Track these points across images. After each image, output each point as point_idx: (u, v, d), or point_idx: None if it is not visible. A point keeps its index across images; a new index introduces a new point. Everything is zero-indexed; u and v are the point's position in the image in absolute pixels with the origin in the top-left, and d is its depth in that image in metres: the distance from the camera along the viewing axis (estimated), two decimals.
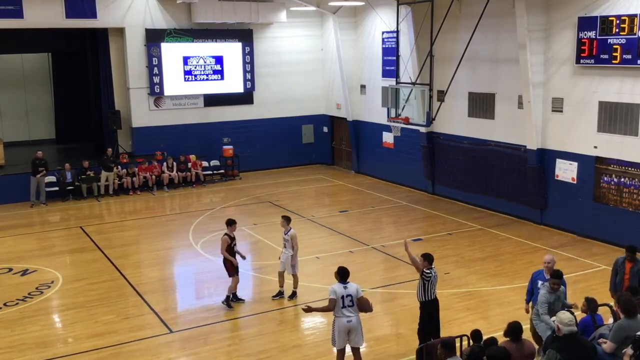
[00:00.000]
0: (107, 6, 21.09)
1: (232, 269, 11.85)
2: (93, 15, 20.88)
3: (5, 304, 12.01)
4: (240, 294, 12.20)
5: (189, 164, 22.24)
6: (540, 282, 9.06)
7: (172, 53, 22.43)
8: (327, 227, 17.03)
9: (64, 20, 20.49)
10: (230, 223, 12.01)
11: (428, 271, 9.36)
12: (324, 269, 13.62)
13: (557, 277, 8.63)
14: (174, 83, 22.63)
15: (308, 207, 19.13)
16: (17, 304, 12.08)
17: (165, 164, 21.84)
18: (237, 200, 20.38)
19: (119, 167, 21.25)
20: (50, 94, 26.84)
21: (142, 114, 22.42)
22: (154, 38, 22.04)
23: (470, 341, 7.98)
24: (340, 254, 14.82)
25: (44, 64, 26.66)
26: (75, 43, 23.54)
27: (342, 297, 8.63)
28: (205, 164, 22.82)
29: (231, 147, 23.39)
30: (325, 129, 25.58)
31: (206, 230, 16.81)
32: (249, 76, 23.94)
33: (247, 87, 24.05)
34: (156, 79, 22.34)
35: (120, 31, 21.91)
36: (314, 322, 11.12)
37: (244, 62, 23.75)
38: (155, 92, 22.42)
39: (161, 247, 15.83)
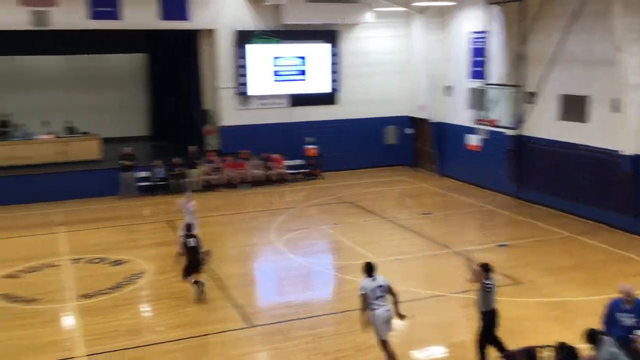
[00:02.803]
0: (199, 8, 21.81)
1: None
2: (185, 17, 21.66)
3: (99, 292, 12.65)
4: (320, 292, 12.30)
5: (272, 163, 22.64)
6: (618, 314, 8.35)
7: (259, 54, 22.90)
8: (408, 229, 16.88)
9: (159, 22, 21.37)
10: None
11: (488, 282, 9.11)
12: (404, 271, 13.52)
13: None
14: (260, 83, 23.10)
15: (389, 209, 19.03)
16: (109, 292, 12.70)
17: (250, 162, 22.34)
18: (319, 199, 20.55)
19: (207, 164, 21.91)
20: (145, 93, 28.05)
21: (229, 113, 23.02)
22: (243, 39, 22.58)
23: (554, 352, 7.70)
24: (421, 256, 14.67)
25: (141, 64, 27.90)
26: (170, 44, 24.46)
27: (373, 289, 8.94)
28: (288, 163, 23.16)
29: (314, 146, 23.61)
30: (409, 131, 25.35)
31: (288, 229, 17.05)
32: (334, 77, 24.09)
33: (332, 87, 24.21)
34: (243, 80, 22.88)
35: (211, 33, 22.59)
36: (393, 324, 11.04)
37: (330, 63, 23.92)
38: (242, 92, 22.97)
39: (244, 244, 16.21)
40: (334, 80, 24.11)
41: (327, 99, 24.28)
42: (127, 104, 27.71)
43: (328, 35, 23.73)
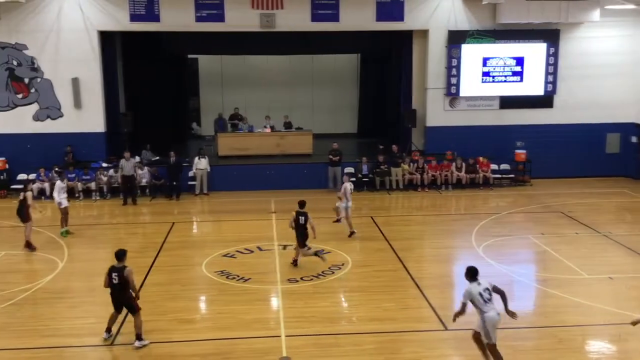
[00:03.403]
0: (414, 9, 22.02)
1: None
2: (401, 18, 22.01)
3: (302, 278, 13.41)
4: (520, 304, 11.78)
5: (478, 166, 22.10)
6: None
7: (471, 54, 22.48)
8: (625, 246, 15.42)
9: (374, 23, 22.00)
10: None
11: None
12: (616, 291, 12.40)
13: None
14: (470, 84, 22.67)
15: (605, 223, 17.54)
16: (311, 279, 13.40)
17: (454, 164, 22.04)
18: (526, 207, 19.62)
19: (411, 163, 22.07)
20: (356, 92, 29.04)
21: (436, 113, 22.94)
22: (456, 39, 22.33)
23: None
24: (638, 277, 13.31)
25: (353, 64, 28.94)
26: (382, 44, 25.03)
27: (480, 293, 8.97)
28: (494, 167, 22.43)
29: (524, 151, 22.58)
30: (634, 139, 23.11)
31: (490, 234, 16.55)
32: (550, 78, 22.82)
33: (548, 89, 22.95)
34: (453, 80, 22.63)
35: (424, 33, 22.67)
36: (599, 347, 10.21)
37: (547, 64, 22.71)
38: (452, 92, 22.73)
39: (443, 245, 16.06)
40: (550, 82, 22.84)
41: (541, 101, 23.08)
42: (339, 102, 28.94)
43: (547, 34, 22.52)
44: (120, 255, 10.51)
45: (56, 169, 20.56)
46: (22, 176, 20.92)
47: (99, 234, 17.28)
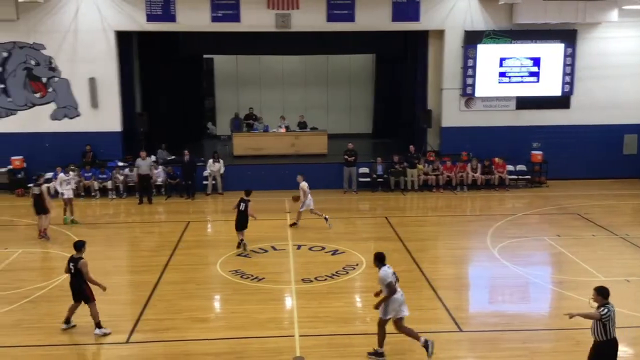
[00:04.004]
0: (430, 9, 21.95)
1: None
2: (416, 18, 21.94)
3: (316, 278, 13.41)
4: (536, 305, 11.70)
5: (493, 167, 21.97)
6: None
7: (488, 54, 22.36)
8: None
9: (390, 23, 21.96)
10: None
11: (605, 311, 8.22)
12: (635, 294, 12.28)
13: None
14: (486, 84, 22.55)
15: (622, 225, 17.36)
16: (325, 279, 13.40)
17: (469, 164, 21.93)
18: (542, 208, 19.47)
19: (426, 164, 21.99)
20: (371, 92, 28.99)
21: (452, 114, 22.84)
22: (472, 39, 22.22)
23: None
24: None
25: (368, 64, 28.89)
26: (397, 44, 24.96)
27: (392, 274, 9.78)
28: (510, 167, 22.29)
29: (540, 152, 22.41)
30: None
31: (505, 236, 16.44)
32: (567, 79, 22.64)
33: (565, 90, 22.77)
34: (469, 80, 22.53)
35: (440, 33, 22.58)
36: (624, 353, 10.09)
37: (564, 64, 22.52)
38: (467, 93, 22.62)
39: (458, 246, 15.98)
40: (567, 83, 22.66)
41: (558, 102, 22.91)
42: (354, 103, 28.93)
43: (564, 35, 22.35)
44: (79, 246, 10.87)
45: (72, 167, 20.72)
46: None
47: (114, 232, 17.40)
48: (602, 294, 8.42)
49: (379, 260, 9.92)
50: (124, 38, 22.15)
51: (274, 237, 16.36)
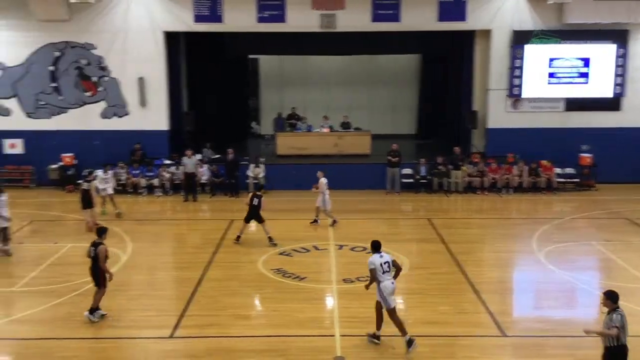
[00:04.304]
0: (477, 9, 21.66)
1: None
2: (463, 18, 21.68)
3: (357, 279, 13.38)
4: (583, 312, 11.43)
5: (540, 169, 21.54)
6: None
7: (536, 55, 21.93)
8: None
9: (435, 23, 21.75)
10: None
11: (617, 317, 8.08)
12: None
13: None
14: (534, 85, 22.13)
15: None
16: (367, 280, 13.28)
17: (516, 167, 21.55)
18: (590, 212, 19.00)
19: (470, 165, 21.71)
20: (415, 92, 28.78)
21: (498, 115, 22.49)
22: (520, 39, 21.83)
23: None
24: None
25: (413, 64, 28.69)
26: (443, 44, 24.72)
27: (381, 264, 10.19)
28: (558, 170, 21.81)
29: (590, 155, 21.87)
30: None
31: (552, 240, 16.10)
32: (619, 80, 22.03)
33: (616, 92, 22.16)
34: (516, 81, 22.13)
35: (487, 33, 22.26)
36: None
37: (615, 65, 21.92)
38: (514, 94, 22.24)
39: (503, 250, 15.73)
40: (618, 84, 22.05)
41: (609, 104, 22.32)
42: (398, 103, 28.76)
43: (616, 35, 21.76)
44: (101, 232, 11.39)
45: (120, 164, 21.25)
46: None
47: (161, 229, 17.74)
48: (611, 298, 8.25)
49: (373, 247, 10.45)
50: (172, 38, 22.54)
51: (315, 237, 16.41)
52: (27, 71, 22.04)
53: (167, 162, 22.08)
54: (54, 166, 21.97)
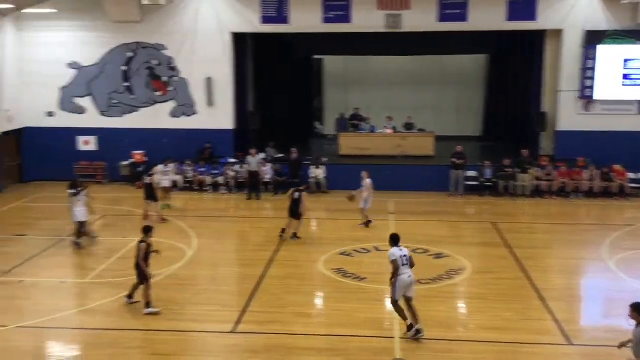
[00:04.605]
0: (548, 8, 21.07)
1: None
2: (533, 17, 21.13)
3: (418, 281, 13.21)
4: None
5: (613, 174, 20.74)
6: None
7: (609, 55, 21.13)
8: None
9: (504, 22, 21.29)
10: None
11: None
12: None
13: None
14: (607, 87, 21.33)
15: None
16: (428, 283, 13.21)
17: (586, 171, 20.83)
18: None
19: (538, 169, 21.14)
20: (481, 93, 28.26)
21: (568, 117, 21.80)
22: (592, 40, 21.09)
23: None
24: None
25: (479, 64, 28.19)
26: (511, 44, 24.17)
27: (400, 257, 10.37)
28: (631, 175, 20.94)
29: None
30: None
31: (623, 247, 15.49)
32: None
33: None
34: (588, 82, 21.39)
35: (558, 33, 21.62)
36: None
37: None
38: (586, 95, 21.50)
39: (571, 256, 15.24)
40: None
41: None
42: (463, 104, 28.35)
43: None
44: (146, 230, 11.85)
45: (188, 162, 21.83)
46: (158, 169, 22.27)
47: (224, 226, 18.10)
48: (637, 310, 7.98)
49: (392, 240, 10.68)
50: (239, 39, 22.94)
51: (376, 238, 16.34)
52: (101, 71, 22.92)
53: (232, 160, 22.49)
54: (125, 163, 22.75)
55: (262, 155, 22.13)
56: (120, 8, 21.61)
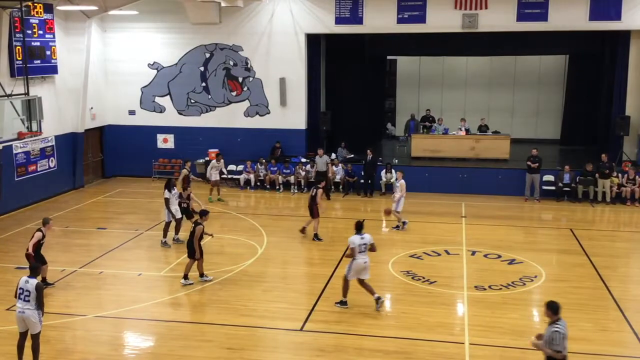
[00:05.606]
0: (633, 7, 20.18)
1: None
2: (617, 17, 20.28)
3: (490, 287, 12.98)
4: None
5: None
6: None
7: None
8: None
9: (586, 22, 20.54)
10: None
11: (557, 327, 7.81)
12: None
13: None
14: None
15: None
16: (500, 289, 12.92)
17: None
18: None
19: (620, 175, 20.26)
20: (561, 95, 27.34)
21: None
22: None
23: None
24: None
25: (560, 65, 27.26)
26: (593, 45, 23.28)
27: (359, 245, 11.51)
28: None
29: None
30: None
31: None
32: None
33: None
34: None
35: None
36: None
37: None
38: None
39: None
40: None
41: None
42: (540, 106, 27.49)
43: None
44: (203, 214, 13.27)
45: (262, 160, 22.21)
46: (231, 167, 22.79)
47: (294, 225, 18.23)
48: (552, 308, 7.99)
49: (356, 227, 11.68)
50: (312, 40, 23.13)
51: (448, 241, 16.12)
52: (180, 71, 23.65)
53: (304, 160, 22.70)
54: (200, 161, 23.35)
55: (332, 156, 22.19)
56: (201, 10, 22.22)
